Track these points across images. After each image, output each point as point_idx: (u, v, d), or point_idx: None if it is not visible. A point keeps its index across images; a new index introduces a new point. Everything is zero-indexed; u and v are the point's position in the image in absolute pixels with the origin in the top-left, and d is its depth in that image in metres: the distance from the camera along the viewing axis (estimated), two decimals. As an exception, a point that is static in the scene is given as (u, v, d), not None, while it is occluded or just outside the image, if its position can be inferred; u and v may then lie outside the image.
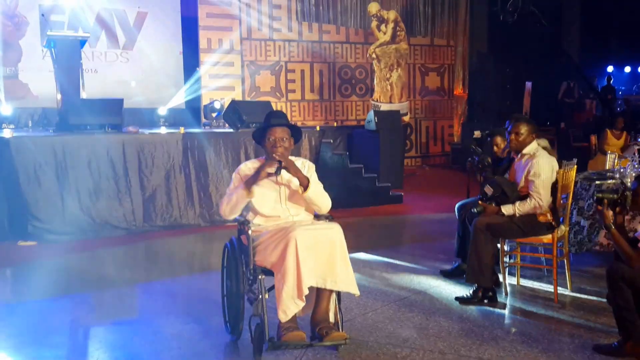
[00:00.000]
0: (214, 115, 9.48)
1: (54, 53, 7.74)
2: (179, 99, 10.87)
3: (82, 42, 7.98)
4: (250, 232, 3.56)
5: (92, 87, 9.05)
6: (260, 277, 3.51)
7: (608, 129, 9.26)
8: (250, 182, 3.64)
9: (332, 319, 3.57)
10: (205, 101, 10.43)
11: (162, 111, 10.32)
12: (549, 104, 14.18)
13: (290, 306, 3.36)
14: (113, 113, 7.47)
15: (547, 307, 4.41)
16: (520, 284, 4.94)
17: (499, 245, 4.61)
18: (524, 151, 4.58)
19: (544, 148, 4.63)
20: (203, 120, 10.09)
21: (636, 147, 7.77)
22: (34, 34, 9.63)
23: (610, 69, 18.07)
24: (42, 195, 6.71)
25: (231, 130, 8.19)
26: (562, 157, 4.78)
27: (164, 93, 10.63)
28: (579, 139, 11.58)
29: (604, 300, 3.69)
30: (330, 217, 3.78)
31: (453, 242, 5.32)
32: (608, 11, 15.22)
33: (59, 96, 7.77)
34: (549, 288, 4.68)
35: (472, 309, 4.37)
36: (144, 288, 5.13)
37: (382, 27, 13.09)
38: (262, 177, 3.63)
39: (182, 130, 7.75)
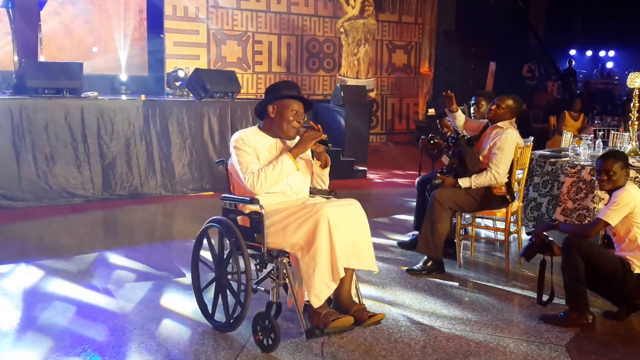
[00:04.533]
0: (177, 83, 9.33)
1: (12, 13, 7.49)
2: (142, 66, 10.65)
3: (42, 3, 7.75)
4: (263, 211, 3.23)
5: (51, 52, 8.80)
6: (284, 260, 3.26)
7: (566, 110, 9.49)
8: (297, 153, 3.39)
9: (355, 298, 3.38)
10: (169, 69, 10.25)
11: (124, 78, 10.11)
12: (511, 85, 14.39)
13: (323, 290, 3.10)
14: (72, 77, 7.25)
15: (498, 279, 4.53)
16: (474, 256, 5.08)
17: (454, 219, 4.70)
18: (499, 124, 4.66)
19: None
20: (166, 88, 9.92)
21: (592, 129, 7.96)
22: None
23: (572, 52, 18.41)
24: (-4, 159, 6.54)
25: (194, 99, 8.08)
26: (522, 137, 4.89)
27: (126, 59, 10.41)
28: (539, 119, 11.82)
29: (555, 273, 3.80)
30: (333, 192, 3.67)
31: (412, 216, 5.44)
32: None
33: (15, 58, 7.54)
34: (502, 261, 4.80)
35: (427, 279, 4.46)
36: (101, 255, 5.06)
37: (351, 1, 13.01)
38: (308, 149, 3.49)
39: (143, 97, 7.61)
